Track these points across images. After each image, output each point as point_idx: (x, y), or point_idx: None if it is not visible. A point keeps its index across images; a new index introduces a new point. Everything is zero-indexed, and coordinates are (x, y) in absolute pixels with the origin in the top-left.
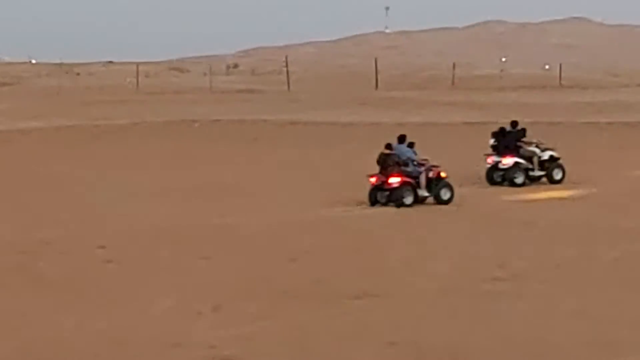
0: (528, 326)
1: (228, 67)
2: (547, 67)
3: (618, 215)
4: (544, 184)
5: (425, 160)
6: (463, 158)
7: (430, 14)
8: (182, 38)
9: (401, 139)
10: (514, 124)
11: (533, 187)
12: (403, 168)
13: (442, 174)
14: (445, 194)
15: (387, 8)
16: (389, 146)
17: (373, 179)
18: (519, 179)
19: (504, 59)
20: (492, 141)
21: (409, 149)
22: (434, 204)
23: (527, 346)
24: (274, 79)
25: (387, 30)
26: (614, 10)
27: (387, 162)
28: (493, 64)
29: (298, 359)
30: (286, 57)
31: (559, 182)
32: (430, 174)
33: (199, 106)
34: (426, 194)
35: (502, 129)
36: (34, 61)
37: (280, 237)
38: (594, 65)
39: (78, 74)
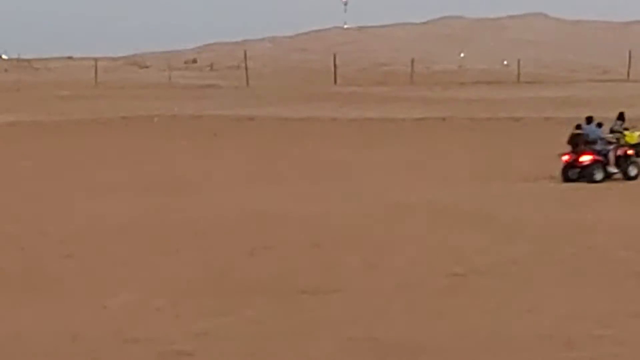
0: (485, 321)
1: (186, 62)
2: (505, 62)
3: None
4: None
5: (617, 139)
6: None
7: (388, 10)
8: (141, 33)
9: (589, 120)
10: None
11: None
12: (593, 146)
13: (630, 152)
14: (632, 171)
15: (346, 3)
16: (578, 127)
17: (565, 157)
18: None
19: (462, 55)
20: None
21: (597, 128)
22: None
23: (484, 341)
24: (233, 74)
25: (346, 26)
26: (571, 5)
27: (577, 142)
28: (451, 59)
29: (256, 354)
30: (245, 52)
31: None
32: (619, 152)
33: (158, 101)
34: (615, 170)
35: None
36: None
37: (239, 232)
38: (552, 60)
39: (37, 69)
